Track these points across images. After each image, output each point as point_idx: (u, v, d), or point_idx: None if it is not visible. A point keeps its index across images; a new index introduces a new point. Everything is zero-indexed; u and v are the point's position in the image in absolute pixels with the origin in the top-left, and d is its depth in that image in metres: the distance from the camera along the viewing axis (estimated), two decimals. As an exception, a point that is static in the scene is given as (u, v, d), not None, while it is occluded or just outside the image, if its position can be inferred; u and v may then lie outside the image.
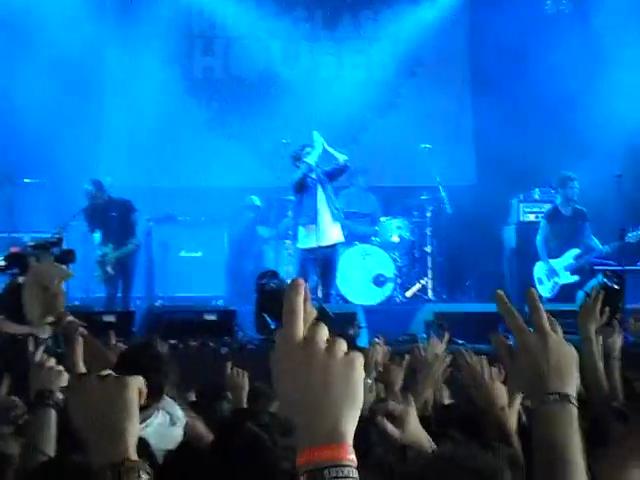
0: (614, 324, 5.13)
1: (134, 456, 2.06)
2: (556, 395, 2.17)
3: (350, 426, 1.59)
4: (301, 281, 1.65)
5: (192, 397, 6.01)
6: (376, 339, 6.04)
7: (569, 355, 2.21)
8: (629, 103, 13.86)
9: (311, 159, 11.94)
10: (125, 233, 12.51)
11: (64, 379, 3.55)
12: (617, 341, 5.11)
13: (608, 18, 14.36)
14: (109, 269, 12.34)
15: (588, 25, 14.60)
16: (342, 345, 1.62)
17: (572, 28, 14.95)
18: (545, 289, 12.27)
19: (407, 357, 5.39)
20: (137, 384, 2.14)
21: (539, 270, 12.41)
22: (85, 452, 2.11)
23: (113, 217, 12.35)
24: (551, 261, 12.25)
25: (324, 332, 1.62)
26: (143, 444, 2.79)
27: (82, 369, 4.42)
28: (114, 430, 2.06)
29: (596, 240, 12.28)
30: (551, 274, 12.24)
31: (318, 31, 15.87)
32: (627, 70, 14.23)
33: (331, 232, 12.14)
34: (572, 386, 2.20)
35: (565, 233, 12.29)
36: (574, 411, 2.17)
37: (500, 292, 2.26)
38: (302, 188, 11.99)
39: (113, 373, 2.18)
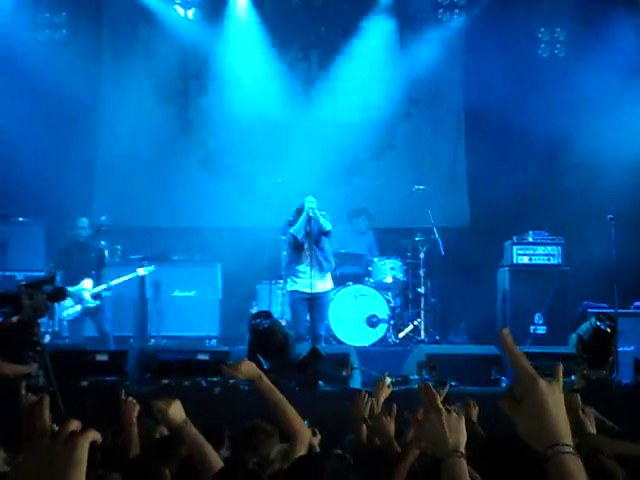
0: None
1: None
2: (566, 446, 2.09)
3: None
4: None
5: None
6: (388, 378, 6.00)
7: (565, 403, 2.16)
8: (623, 146, 13.90)
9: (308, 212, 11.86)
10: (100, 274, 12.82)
11: None
12: None
13: (602, 61, 14.44)
14: (91, 302, 12.48)
15: (582, 69, 14.65)
16: None
17: (566, 72, 15.04)
18: None
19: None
20: (89, 440, 1.94)
21: None
22: None
23: (92, 257, 12.76)
24: None
25: None
26: None
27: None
28: None
29: None
30: None
31: (314, 72, 15.92)
32: (621, 113, 14.29)
33: (321, 282, 12.07)
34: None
35: None
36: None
37: (506, 330, 2.15)
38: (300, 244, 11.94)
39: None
